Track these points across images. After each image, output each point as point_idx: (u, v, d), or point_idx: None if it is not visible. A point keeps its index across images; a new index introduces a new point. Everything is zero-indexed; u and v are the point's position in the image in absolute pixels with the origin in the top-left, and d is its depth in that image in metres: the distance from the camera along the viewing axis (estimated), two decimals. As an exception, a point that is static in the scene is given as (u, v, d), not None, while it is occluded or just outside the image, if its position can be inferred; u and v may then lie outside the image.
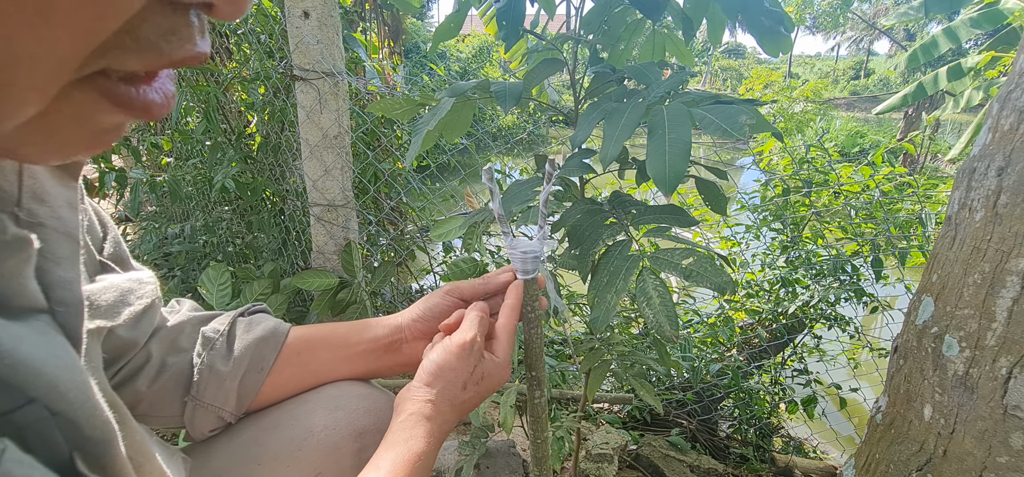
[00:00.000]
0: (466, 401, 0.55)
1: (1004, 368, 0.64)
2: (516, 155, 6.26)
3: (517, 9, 0.85)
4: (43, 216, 0.32)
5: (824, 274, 1.99)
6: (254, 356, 0.57)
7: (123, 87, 0.23)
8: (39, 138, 0.23)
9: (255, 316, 0.62)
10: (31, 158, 0.26)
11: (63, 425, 0.27)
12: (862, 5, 28.63)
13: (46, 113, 0.22)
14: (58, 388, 0.27)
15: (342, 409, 0.59)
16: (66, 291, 0.31)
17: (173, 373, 0.55)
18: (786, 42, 0.82)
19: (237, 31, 1.98)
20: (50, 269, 0.31)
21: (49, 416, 0.26)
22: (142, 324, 0.52)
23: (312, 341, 0.61)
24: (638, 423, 1.90)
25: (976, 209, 0.70)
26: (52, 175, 0.34)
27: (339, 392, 0.61)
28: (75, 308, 0.32)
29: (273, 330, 0.60)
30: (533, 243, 0.60)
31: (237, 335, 0.58)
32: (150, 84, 0.24)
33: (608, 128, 0.63)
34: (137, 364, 0.53)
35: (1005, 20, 4.23)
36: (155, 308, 0.54)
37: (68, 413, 0.27)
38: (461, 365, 0.54)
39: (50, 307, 0.30)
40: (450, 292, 0.64)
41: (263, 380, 0.57)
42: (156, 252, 2.29)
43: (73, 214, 0.34)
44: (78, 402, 0.28)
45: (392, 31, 8.03)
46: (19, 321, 0.28)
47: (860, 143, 11.61)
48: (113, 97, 0.23)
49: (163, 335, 0.56)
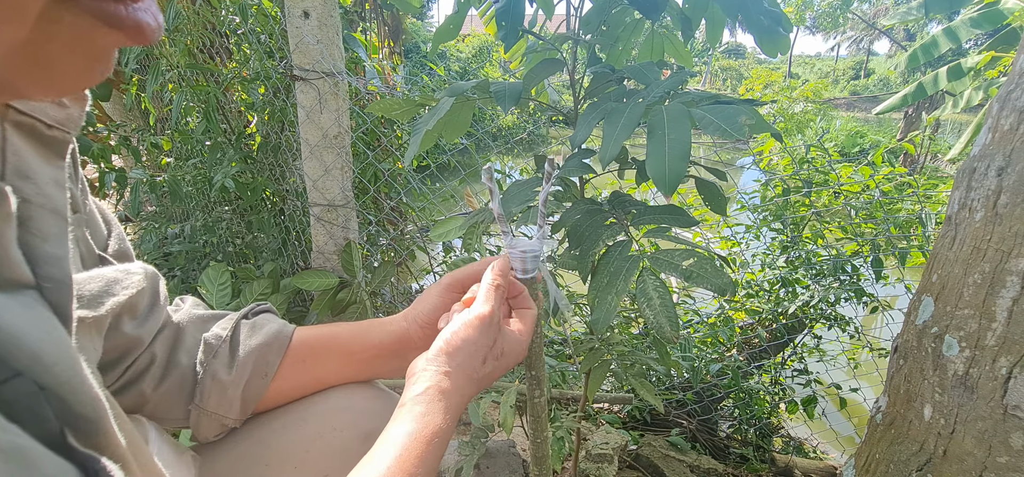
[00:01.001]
0: (486, 375, 0.53)
1: (1004, 368, 0.64)
2: (516, 155, 6.26)
3: (516, 9, 0.85)
4: (28, 192, 0.31)
5: (824, 274, 1.99)
6: (257, 362, 0.56)
7: (111, 4, 0.23)
8: (36, 70, 0.24)
9: (259, 317, 0.60)
10: (31, 92, 0.26)
11: (52, 400, 0.26)
12: (862, 5, 28.64)
13: (39, 41, 0.22)
14: (43, 360, 0.26)
15: (350, 411, 0.59)
16: (54, 267, 0.31)
17: (177, 378, 0.54)
18: (784, 42, 0.82)
19: (237, 31, 1.98)
20: (37, 245, 0.30)
21: (38, 391, 0.26)
22: (148, 322, 0.51)
23: (316, 346, 0.60)
24: (638, 423, 1.90)
25: (976, 209, 0.70)
26: (37, 154, 0.34)
27: (347, 394, 0.60)
28: (64, 285, 0.31)
29: (277, 334, 0.58)
30: (533, 243, 0.60)
31: (240, 340, 0.57)
32: (137, 3, 0.24)
33: (607, 128, 0.63)
34: (143, 365, 0.52)
35: (1005, 20, 4.23)
36: (160, 307, 0.53)
37: (55, 388, 0.27)
38: (481, 338, 0.51)
39: (37, 283, 0.30)
40: (450, 287, 0.62)
41: (267, 386, 0.57)
42: (156, 252, 2.29)
43: (60, 192, 0.34)
44: (65, 377, 0.27)
45: (392, 31, 8.03)
46: (3, 293, 0.27)
47: (860, 143, 11.61)
48: (103, 16, 0.23)
49: (167, 335, 0.55)
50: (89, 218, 0.44)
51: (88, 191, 0.45)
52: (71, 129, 0.36)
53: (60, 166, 0.35)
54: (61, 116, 0.35)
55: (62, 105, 0.36)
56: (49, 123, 0.34)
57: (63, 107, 0.36)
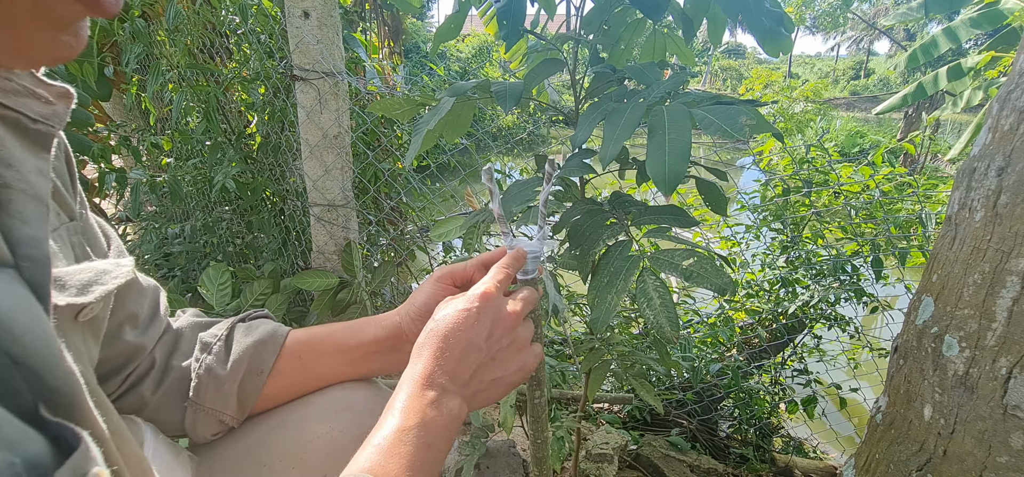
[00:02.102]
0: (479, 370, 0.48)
1: (1004, 368, 0.64)
2: (516, 155, 6.26)
3: (517, 9, 0.85)
4: (10, 179, 0.32)
5: (824, 274, 1.99)
6: (252, 358, 0.57)
7: None
8: (2, 31, 0.25)
9: (255, 321, 0.62)
10: (1, 57, 0.27)
11: (26, 374, 0.27)
12: (862, 5, 28.65)
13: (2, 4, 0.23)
14: (12, 331, 0.27)
15: (349, 411, 0.59)
16: (33, 248, 0.32)
17: (174, 379, 0.55)
18: (786, 42, 0.82)
19: (237, 31, 1.98)
20: (17, 228, 0.31)
21: (11, 364, 0.26)
22: (150, 330, 0.53)
23: (312, 344, 0.61)
24: (638, 423, 1.90)
25: (976, 209, 0.70)
26: (21, 145, 0.35)
27: (345, 394, 0.60)
28: (41, 263, 0.32)
29: (272, 333, 0.60)
30: (533, 243, 0.60)
31: (235, 339, 0.58)
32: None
33: (608, 128, 0.64)
34: (143, 370, 0.54)
35: (1005, 20, 4.23)
36: (161, 317, 0.55)
37: (26, 359, 0.27)
38: (470, 326, 0.47)
39: (16, 262, 0.31)
40: (441, 278, 0.62)
41: (263, 382, 0.57)
42: (156, 252, 2.29)
43: (43, 180, 0.35)
44: (35, 348, 0.28)
45: (392, 31, 8.03)
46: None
47: (860, 143, 11.61)
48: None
49: (166, 340, 0.56)
50: (86, 228, 0.45)
51: (87, 205, 0.46)
52: (56, 124, 0.38)
53: (44, 158, 0.36)
54: (46, 111, 0.37)
55: (48, 102, 0.37)
56: (34, 117, 0.36)
57: (48, 104, 0.37)
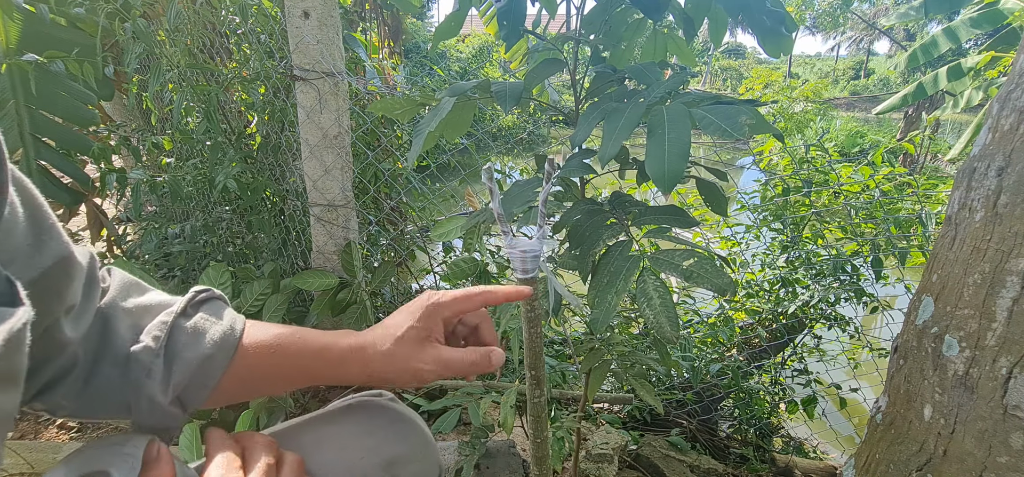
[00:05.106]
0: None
1: (1004, 368, 0.64)
2: (516, 155, 6.26)
3: (518, 9, 0.85)
4: None
5: (824, 274, 1.99)
6: (196, 376, 0.49)
7: None
8: None
9: (198, 319, 0.51)
10: None
11: None
12: (862, 5, 28.64)
13: None
14: None
15: (373, 436, 0.57)
16: None
17: (101, 386, 0.47)
18: (787, 42, 0.82)
19: (237, 31, 1.98)
20: None
21: None
22: (81, 321, 0.45)
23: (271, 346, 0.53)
24: (638, 423, 1.90)
25: (976, 209, 0.70)
26: None
27: (369, 417, 0.59)
28: None
29: (221, 342, 0.50)
30: (533, 243, 0.60)
31: (177, 352, 0.48)
32: None
33: (607, 127, 0.64)
34: (63, 369, 0.45)
35: (1005, 20, 4.23)
36: (94, 298, 0.47)
37: None
38: None
39: None
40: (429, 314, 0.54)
41: (206, 397, 0.50)
42: (157, 252, 2.29)
43: None
44: None
45: (392, 31, 8.02)
46: None
47: (860, 143, 11.60)
48: None
49: (91, 335, 0.47)
50: None
51: None
52: None
53: None
54: None
55: None
56: None
57: None
